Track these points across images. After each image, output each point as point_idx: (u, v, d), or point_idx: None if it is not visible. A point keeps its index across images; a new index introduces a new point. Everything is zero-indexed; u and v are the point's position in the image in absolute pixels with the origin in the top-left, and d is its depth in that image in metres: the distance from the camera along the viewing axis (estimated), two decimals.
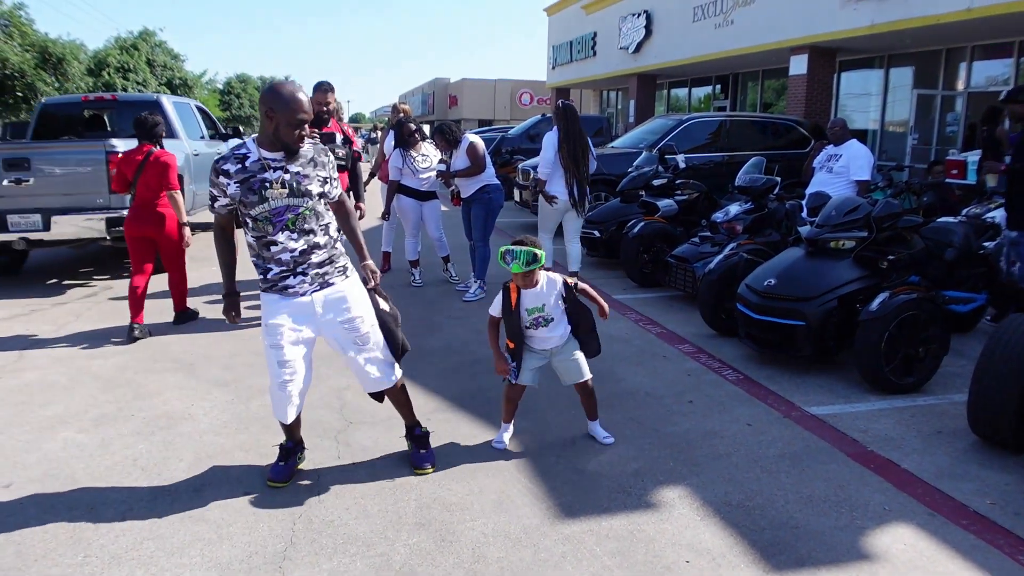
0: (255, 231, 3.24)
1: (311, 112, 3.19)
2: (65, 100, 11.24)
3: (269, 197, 3.18)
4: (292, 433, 3.58)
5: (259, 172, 3.18)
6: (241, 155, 3.20)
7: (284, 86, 3.18)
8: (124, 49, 43.55)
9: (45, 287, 7.75)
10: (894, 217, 5.02)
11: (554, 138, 6.82)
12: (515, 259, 3.52)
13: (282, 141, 3.17)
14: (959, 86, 14.04)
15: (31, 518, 3.16)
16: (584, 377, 3.81)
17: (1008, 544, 2.97)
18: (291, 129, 3.14)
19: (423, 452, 3.64)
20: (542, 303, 3.67)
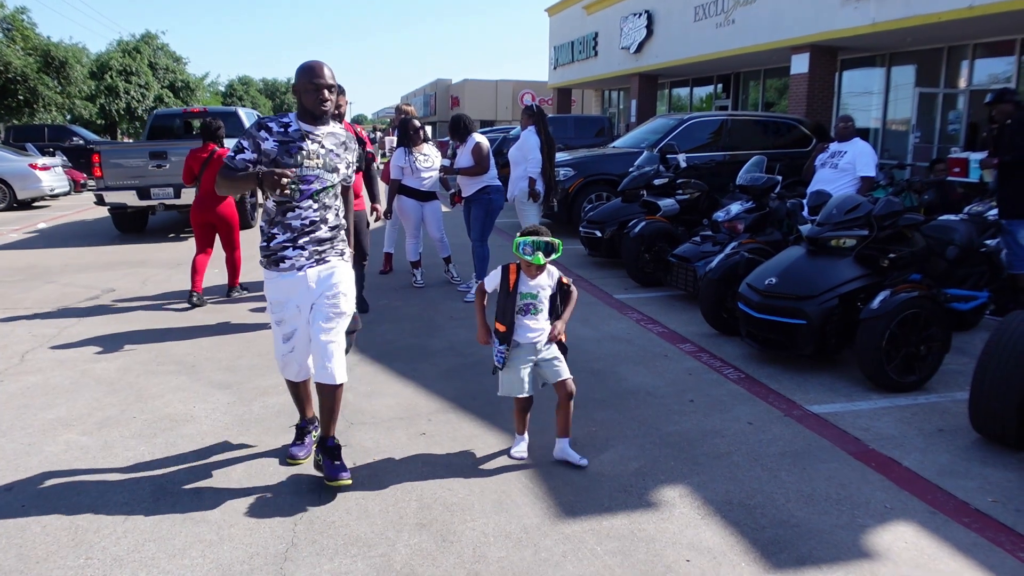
0: (279, 197, 3.35)
1: (331, 79, 3.31)
2: (169, 112, 15.72)
3: (303, 162, 3.32)
4: (303, 408, 3.81)
5: (298, 139, 3.33)
6: (284, 122, 3.36)
7: (304, 64, 3.32)
8: (126, 52, 43.61)
9: (47, 290, 7.77)
10: (895, 215, 5.02)
11: (536, 140, 7.35)
12: (539, 249, 3.56)
13: (307, 108, 3.32)
14: (961, 84, 14.01)
15: (33, 520, 3.16)
16: (564, 376, 3.70)
17: (1010, 541, 2.97)
18: (311, 95, 3.28)
19: (337, 464, 3.43)
20: (536, 291, 3.69)
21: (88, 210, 15.59)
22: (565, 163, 11.28)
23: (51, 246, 10.86)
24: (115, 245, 10.95)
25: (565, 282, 3.79)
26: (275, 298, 3.48)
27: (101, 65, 41.86)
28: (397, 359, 5.31)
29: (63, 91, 35.14)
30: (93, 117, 41.00)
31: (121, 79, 41.68)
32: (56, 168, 17.30)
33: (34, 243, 11.25)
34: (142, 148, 11.49)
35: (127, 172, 11.27)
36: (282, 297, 3.46)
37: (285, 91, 79.18)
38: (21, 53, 31.15)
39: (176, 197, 11.27)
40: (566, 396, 3.69)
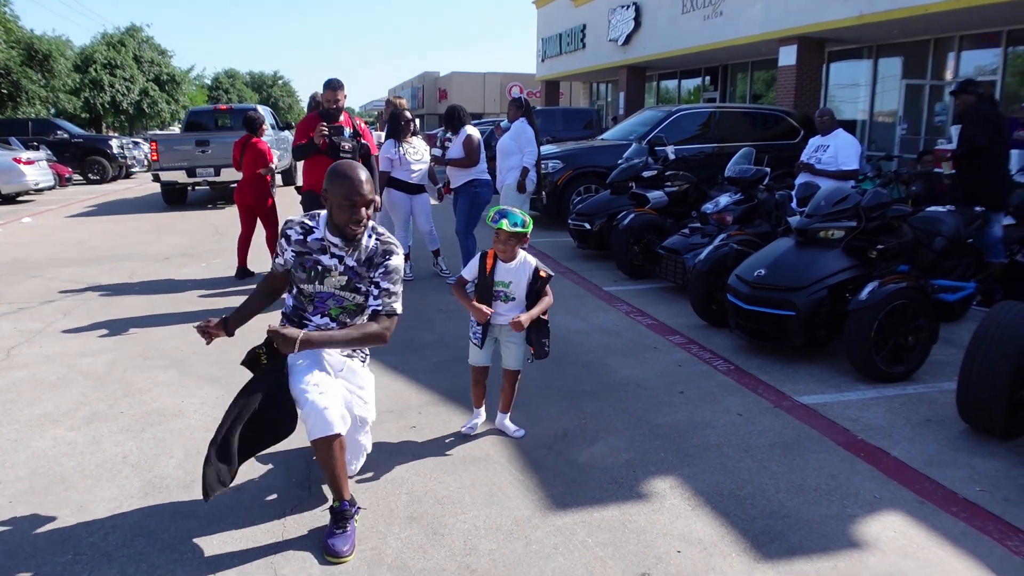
0: (296, 300, 3.21)
1: (368, 196, 2.94)
2: (202, 109, 18.76)
3: (317, 281, 3.08)
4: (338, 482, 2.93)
5: (316, 252, 3.06)
6: (308, 227, 3.09)
7: (340, 166, 2.98)
8: (111, 45, 43.25)
9: (32, 284, 7.71)
10: (883, 207, 5.03)
11: (531, 131, 7.53)
12: (505, 216, 3.55)
13: (335, 223, 3.00)
14: (948, 76, 14.08)
15: (20, 517, 3.14)
16: (516, 367, 3.82)
17: (997, 530, 2.99)
18: (342, 212, 2.93)
19: (337, 532, 2.91)
20: (510, 280, 3.69)
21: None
22: (554, 155, 11.27)
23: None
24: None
25: (542, 274, 3.70)
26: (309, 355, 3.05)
27: (85, 58, 41.49)
28: (386, 352, 5.29)
29: (47, 85, 34.81)
30: (78, 111, 40.66)
31: (106, 72, 41.34)
32: (40, 162, 17.14)
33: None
34: (189, 137, 14.72)
35: (178, 156, 14.48)
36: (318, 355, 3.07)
37: (272, 84, 78.73)
38: (4, 46, 30.82)
39: (216, 175, 14.53)
40: (508, 382, 3.85)
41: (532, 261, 3.75)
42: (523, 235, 3.62)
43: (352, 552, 2.86)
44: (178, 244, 10.37)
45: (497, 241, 3.64)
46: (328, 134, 6.27)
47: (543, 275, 3.71)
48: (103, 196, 17.94)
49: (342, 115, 6.56)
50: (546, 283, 3.74)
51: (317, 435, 2.85)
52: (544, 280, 3.72)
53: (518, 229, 3.58)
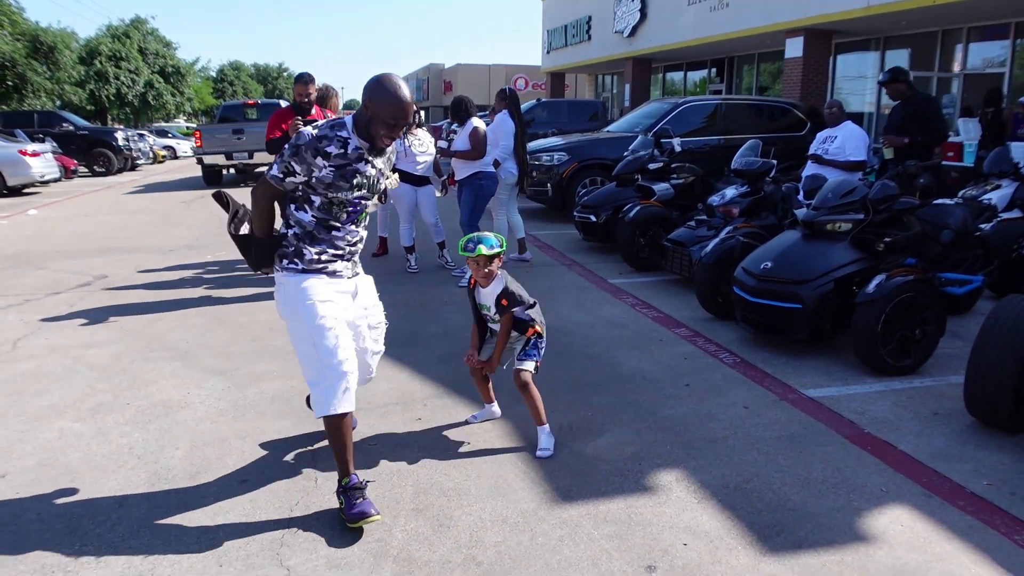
0: (322, 212, 3.07)
1: (409, 117, 3.00)
2: (233, 104, 20.95)
3: (357, 188, 3.07)
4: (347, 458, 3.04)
5: (356, 161, 3.04)
6: (343, 138, 3.01)
7: (391, 81, 2.93)
8: (116, 37, 43.29)
9: (39, 277, 7.72)
10: (890, 199, 5.01)
11: (511, 125, 7.54)
12: (479, 243, 3.47)
13: (370, 135, 3.00)
14: (955, 68, 14.00)
15: (26, 507, 3.15)
16: (517, 364, 3.66)
17: (1004, 524, 2.98)
18: (382, 127, 2.95)
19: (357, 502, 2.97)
20: (489, 304, 3.64)
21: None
22: (559, 148, 11.25)
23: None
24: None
25: (504, 302, 3.55)
26: (321, 298, 3.04)
27: (90, 50, 41.55)
28: (392, 344, 5.26)
29: (52, 77, 34.88)
30: (83, 103, 40.75)
31: (111, 64, 41.39)
32: (46, 154, 17.16)
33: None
34: (227, 127, 17.61)
35: (218, 143, 17.39)
36: (331, 296, 3.09)
37: (277, 76, 78.70)
38: (9, 38, 30.87)
39: (249, 159, 17.31)
40: (519, 387, 3.64)
41: (500, 286, 3.59)
42: (499, 255, 3.54)
43: (379, 513, 2.95)
44: (184, 236, 10.38)
45: (477, 268, 3.54)
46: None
47: (504, 302, 3.56)
48: (146, 176, 17.97)
49: (314, 108, 6.70)
50: (506, 311, 3.58)
51: (331, 411, 2.95)
52: (503, 308, 3.57)
53: (496, 250, 3.49)
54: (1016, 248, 6.21)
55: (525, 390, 3.62)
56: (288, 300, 3.08)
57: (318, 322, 2.98)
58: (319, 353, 2.96)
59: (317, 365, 2.97)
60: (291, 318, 3.08)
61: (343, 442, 3.01)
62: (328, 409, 2.95)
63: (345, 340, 3.04)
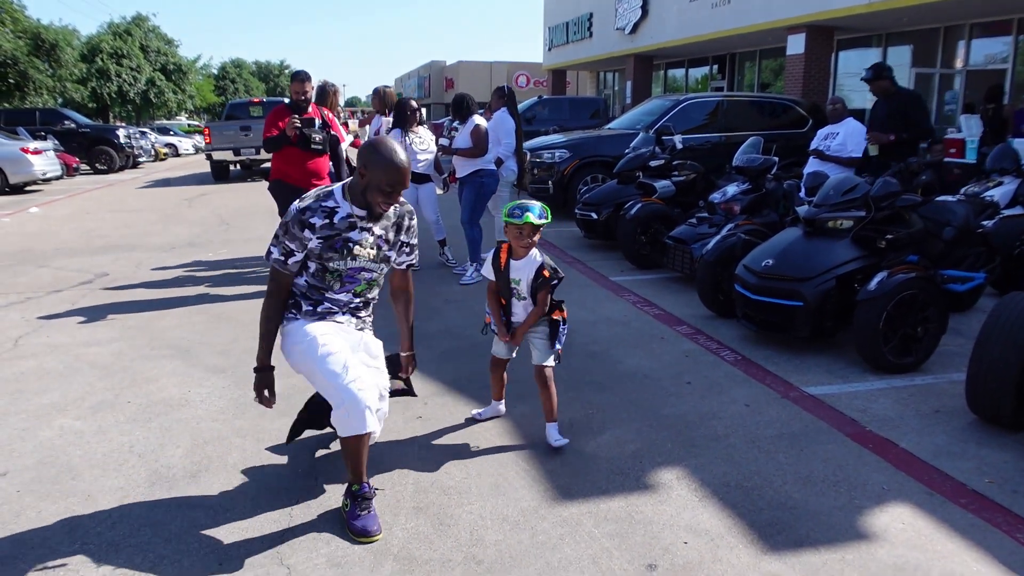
0: (315, 278, 3.05)
1: (406, 183, 2.94)
2: (239, 102, 20.95)
3: (349, 258, 3.01)
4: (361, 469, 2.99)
5: (345, 230, 2.97)
6: (328, 209, 2.96)
7: (386, 146, 2.89)
8: (117, 35, 43.31)
9: (40, 275, 7.73)
10: (892, 196, 4.99)
11: (511, 123, 7.56)
12: (527, 210, 3.44)
13: (366, 201, 2.95)
14: (957, 64, 13.97)
15: (27, 506, 3.15)
16: (540, 361, 3.64)
17: (1006, 522, 2.97)
18: (379, 194, 2.90)
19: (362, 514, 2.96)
20: (519, 278, 3.61)
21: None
22: (560, 145, 11.24)
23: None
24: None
25: (545, 273, 3.54)
26: (320, 324, 3.04)
27: (92, 48, 41.57)
28: (393, 342, 5.27)
29: (54, 74, 34.89)
30: (85, 100, 40.77)
31: (112, 62, 41.41)
32: (48, 152, 17.18)
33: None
34: (234, 124, 18.28)
35: (226, 139, 18.15)
36: (330, 327, 3.06)
37: (278, 74, 78.71)
38: (11, 36, 30.88)
39: (256, 154, 17.88)
40: (540, 382, 3.62)
41: (539, 259, 3.60)
42: (541, 227, 3.53)
43: (381, 531, 2.91)
44: (185, 234, 10.39)
45: (520, 237, 3.51)
46: (300, 126, 6.35)
47: (546, 274, 3.55)
48: (148, 174, 17.98)
49: (310, 106, 6.69)
50: (546, 284, 3.56)
51: (354, 432, 2.90)
52: (545, 280, 3.55)
53: (544, 221, 3.48)
54: (1018, 245, 6.19)
55: (546, 386, 3.61)
56: (292, 346, 3.05)
57: (320, 351, 2.94)
58: (330, 379, 2.92)
59: (333, 392, 2.92)
60: (298, 360, 3.04)
61: (358, 455, 2.97)
62: (351, 431, 2.90)
63: (353, 360, 3.00)
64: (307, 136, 6.45)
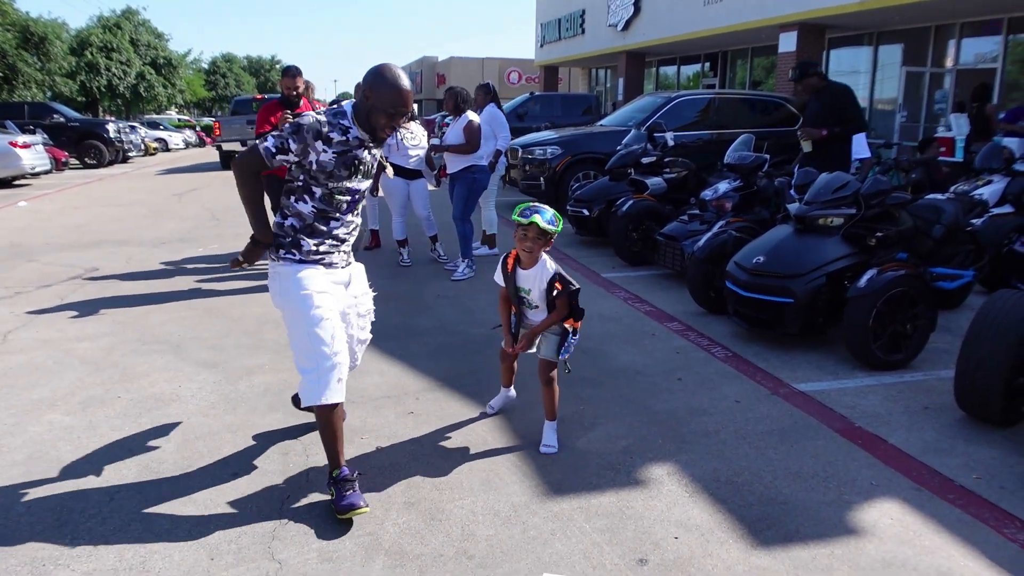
0: (322, 203, 3.05)
1: (409, 106, 3.02)
2: (244, 98, 24.00)
3: (357, 175, 3.09)
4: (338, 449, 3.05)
5: (356, 148, 3.05)
6: (344, 126, 3.01)
7: (391, 71, 2.96)
8: (107, 28, 43.04)
9: (29, 269, 7.68)
10: (882, 194, 5.02)
11: (504, 117, 7.82)
12: (536, 212, 3.31)
13: (370, 125, 3.01)
14: (948, 63, 14.04)
15: (16, 501, 3.13)
16: (547, 355, 3.57)
17: (993, 517, 3.00)
18: (383, 116, 2.97)
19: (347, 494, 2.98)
20: (529, 287, 3.52)
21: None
22: (552, 141, 11.25)
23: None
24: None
25: (558, 285, 3.43)
26: (317, 288, 3.03)
27: (81, 41, 41.29)
28: (384, 338, 5.29)
29: (43, 68, 34.66)
30: (74, 94, 40.50)
31: (102, 56, 41.15)
32: (37, 146, 17.07)
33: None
34: (241, 118, 20.52)
35: (234, 131, 20.43)
36: (326, 287, 3.08)
37: (269, 68, 78.40)
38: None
39: None
40: (543, 378, 3.58)
41: (551, 269, 3.47)
42: (552, 236, 3.39)
43: (368, 505, 2.96)
44: (176, 229, 10.35)
45: (523, 240, 3.38)
46: None
47: (558, 286, 3.42)
48: (138, 168, 17.88)
49: (302, 101, 6.70)
50: (560, 296, 3.43)
51: (315, 401, 2.96)
52: (559, 293, 3.43)
53: (551, 227, 3.32)
54: (1007, 243, 6.24)
55: (549, 383, 3.59)
56: (284, 289, 3.06)
57: (314, 312, 2.98)
58: (313, 343, 2.96)
59: (311, 354, 2.96)
60: (287, 307, 3.06)
61: (334, 433, 3.02)
62: (319, 399, 2.95)
63: (339, 332, 3.05)
64: None
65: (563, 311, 3.48)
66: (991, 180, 6.81)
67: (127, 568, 2.68)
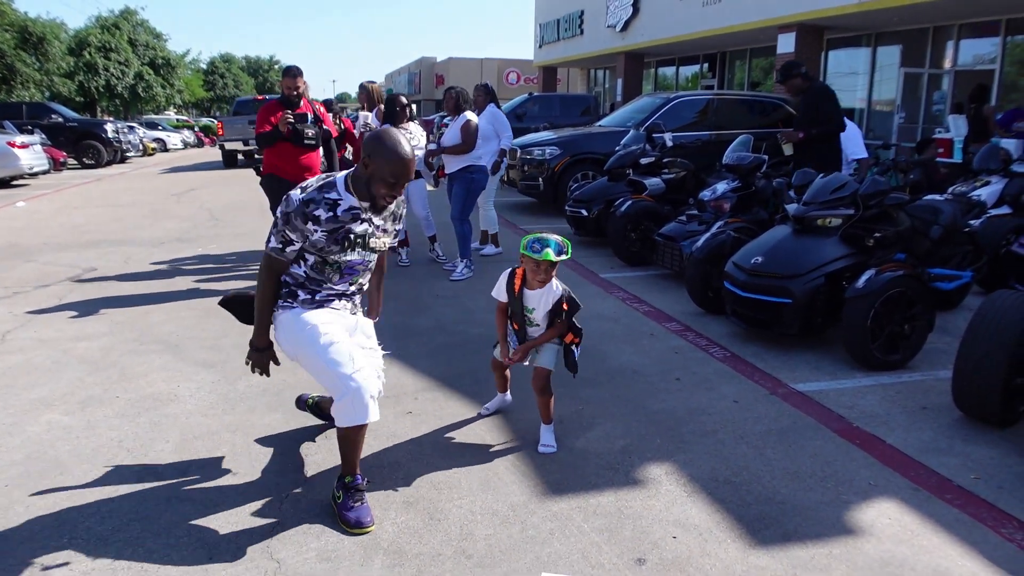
0: (314, 271, 3.03)
1: (411, 175, 2.93)
2: (246, 99, 24.51)
3: (351, 250, 3.01)
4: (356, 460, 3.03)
5: (349, 222, 2.95)
6: (332, 201, 2.92)
7: (391, 137, 2.86)
8: (105, 28, 43.02)
9: (28, 269, 7.68)
10: (881, 195, 5.02)
11: (505, 117, 7.92)
12: (547, 246, 3.33)
13: (370, 194, 2.93)
14: (946, 65, 14.05)
15: (15, 501, 3.13)
16: (543, 364, 3.58)
17: (991, 517, 3.00)
18: (383, 186, 2.88)
19: (355, 506, 2.98)
20: (534, 307, 3.54)
21: None
22: (551, 142, 11.25)
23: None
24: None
25: (565, 307, 3.48)
26: (321, 314, 3.04)
27: (80, 41, 41.26)
28: (383, 338, 5.24)
29: (41, 68, 34.64)
30: (72, 94, 40.47)
31: (100, 56, 41.12)
32: (35, 146, 17.05)
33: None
34: (243, 118, 20.80)
35: (236, 131, 21.13)
36: (331, 316, 3.07)
37: (268, 69, 78.39)
38: None
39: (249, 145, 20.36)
40: (538, 387, 3.58)
41: (559, 289, 3.50)
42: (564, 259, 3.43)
43: (374, 523, 2.94)
44: (174, 229, 10.34)
45: (536, 271, 3.40)
46: (292, 122, 6.35)
47: (565, 307, 3.48)
48: (136, 168, 17.87)
49: (302, 101, 6.69)
50: (569, 316, 3.50)
51: (357, 422, 2.90)
52: (566, 313, 3.49)
53: (564, 258, 3.38)
54: (1005, 244, 6.25)
55: (544, 391, 3.57)
56: (289, 335, 3.04)
57: (323, 340, 2.93)
58: (334, 369, 2.89)
59: (336, 380, 2.89)
60: (298, 348, 3.01)
61: (355, 444, 3.00)
62: (354, 421, 2.90)
63: (355, 350, 3.00)
64: (300, 131, 6.44)
65: (562, 328, 3.53)
66: (989, 181, 6.82)
67: (125, 568, 2.68)
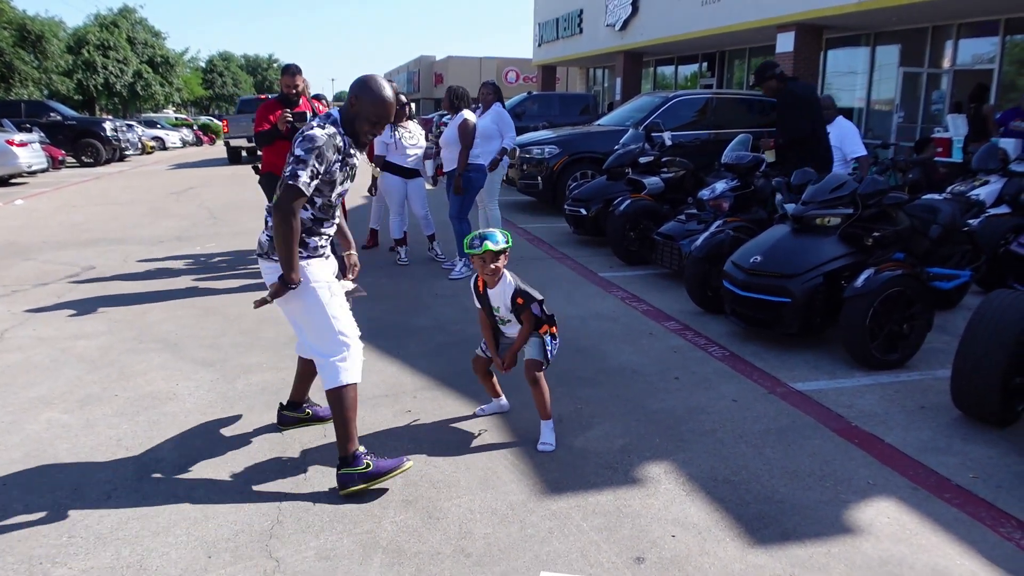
0: (320, 211, 3.20)
1: (391, 116, 3.16)
2: (249, 98, 26.09)
3: (349, 180, 3.25)
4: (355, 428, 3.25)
5: (347, 154, 3.17)
6: (341, 133, 3.13)
7: (376, 81, 3.10)
8: (104, 26, 42.97)
9: (26, 268, 7.67)
10: (880, 194, 5.03)
11: (509, 117, 7.91)
12: (485, 239, 3.42)
13: (353, 131, 3.14)
14: (945, 64, 14.06)
15: (14, 499, 3.13)
16: (532, 355, 3.61)
17: (990, 516, 3.01)
18: (366, 124, 3.11)
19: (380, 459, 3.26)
20: (498, 305, 3.62)
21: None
22: (550, 141, 11.26)
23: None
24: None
25: (519, 300, 3.53)
26: (328, 278, 3.24)
27: (78, 39, 41.22)
28: (382, 336, 5.29)
29: (40, 66, 34.60)
30: (71, 93, 40.43)
31: (99, 54, 41.08)
32: (33, 144, 17.03)
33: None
34: (247, 116, 20.75)
35: (241, 129, 21.80)
36: (331, 279, 3.27)
37: (267, 67, 78.34)
38: None
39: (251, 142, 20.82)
40: (530, 379, 3.61)
41: (511, 283, 3.58)
42: (505, 251, 3.50)
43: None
44: (173, 228, 10.33)
45: (483, 265, 3.48)
46: (291, 120, 6.36)
47: (519, 301, 3.54)
48: (136, 167, 17.84)
49: (301, 100, 6.68)
50: (524, 309, 3.55)
51: (351, 380, 3.20)
52: (520, 307, 3.55)
53: (502, 245, 3.45)
54: (1003, 243, 6.25)
55: (536, 384, 3.60)
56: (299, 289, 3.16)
57: (330, 302, 3.20)
58: (337, 327, 3.18)
59: (332, 342, 3.19)
60: (302, 298, 3.18)
61: (354, 411, 3.21)
62: (348, 379, 3.18)
63: (352, 320, 3.28)
64: (298, 130, 6.44)
65: (531, 321, 3.61)
66: (988, 180, 6.83)
67: (124, 566, 2.68)
